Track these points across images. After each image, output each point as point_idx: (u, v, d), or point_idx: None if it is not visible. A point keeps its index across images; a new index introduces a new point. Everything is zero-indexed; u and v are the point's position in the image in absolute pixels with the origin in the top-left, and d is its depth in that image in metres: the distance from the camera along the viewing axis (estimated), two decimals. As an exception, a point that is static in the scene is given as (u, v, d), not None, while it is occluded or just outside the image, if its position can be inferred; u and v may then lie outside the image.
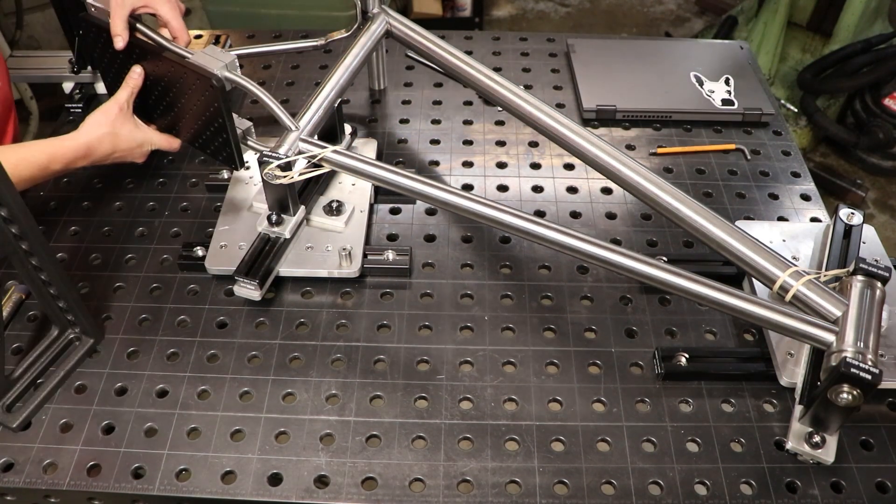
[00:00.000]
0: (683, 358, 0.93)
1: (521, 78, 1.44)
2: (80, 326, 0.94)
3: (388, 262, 1.04)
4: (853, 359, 0.75)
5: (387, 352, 0.96)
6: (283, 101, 1.36)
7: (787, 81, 2.75)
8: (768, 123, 1.34)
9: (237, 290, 0.98)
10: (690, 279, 0.85)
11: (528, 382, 0.93)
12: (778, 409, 0.91)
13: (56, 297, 0.89)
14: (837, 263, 0.94)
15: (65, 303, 0.90)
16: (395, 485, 0.83)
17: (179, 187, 1.18)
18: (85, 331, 0.94)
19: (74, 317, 0.92)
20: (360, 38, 1.16)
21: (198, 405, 0.90)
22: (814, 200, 1.19)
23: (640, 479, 0.84)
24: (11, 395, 0.88)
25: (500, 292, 1.04)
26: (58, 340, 0.93)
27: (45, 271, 0.84)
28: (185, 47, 1.02)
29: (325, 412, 0.90)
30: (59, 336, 0.93)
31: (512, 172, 1.23)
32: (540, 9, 3.68)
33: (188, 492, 0.82)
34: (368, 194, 1.11)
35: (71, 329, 0.94)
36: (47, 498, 0.85)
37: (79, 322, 0.93)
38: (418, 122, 1.33)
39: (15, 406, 0.89)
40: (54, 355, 0.93)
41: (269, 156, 0.95)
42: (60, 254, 1.08)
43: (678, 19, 3.63)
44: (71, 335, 0.94)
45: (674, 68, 1.41)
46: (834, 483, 0.84)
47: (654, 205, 0.95)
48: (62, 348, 0.94)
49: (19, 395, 0.89)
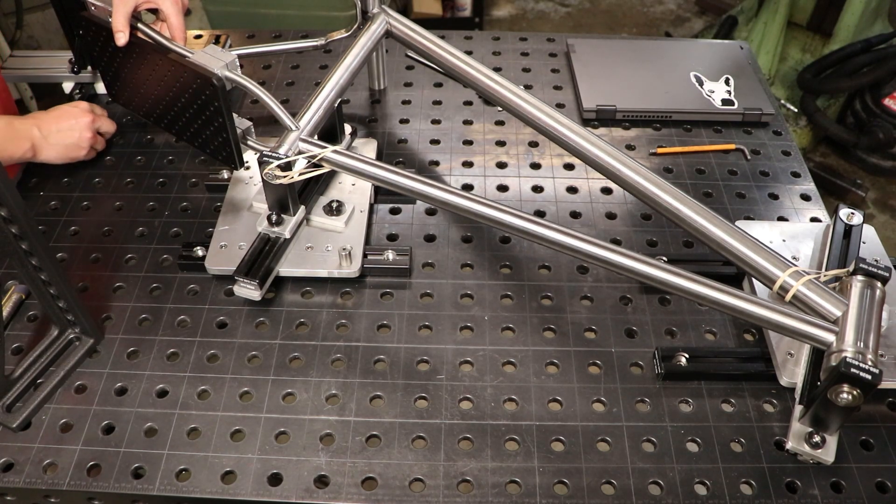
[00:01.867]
0: (683, 358, 0.93)
1: (521, 78, 1.44)
2: (80, 326, 0.94)
3: (388, 262, 1.04)
4: (853, 359, 0.75)
5: (387, 352, 0.96)
6: (283, 101, 1.36)
7: (787, 81, 2.75)
8: (768, 123, 1.34)
9: (237, 290, 0.98)
10: (690, 279, 0.85)
11: (528, 382, 0.93)
12: (778, 409, 0.91)
13: (56, 297, 0.89)
14: (837, 263, 0.94)
15: (65, 303, 0.90)
16: (395, 485, 0.83)
17: (179, 187, 1.18)
18: (85, 331, 0.94)
19: (74, 317, 0.92)
20: (360, 38, 1.16)
21: (198, 405, 0.90)
22: (814, 200, 1.19)
23: (640, 479, 0.84)
24: (11, 395, 0.89)
25: (500, 292, 1.04)
26: (58, 340, 0.93)
27: (45, 271, 0.84)
28: (185, 46, 1.02)
29: (325, 412, 0.90)
30: (59, 336, 0.94)
31: (512, 172, 1.23)
32: (540, 9, 3.68)
33: (188, 492, 0.82)
34: (368, 194, 1.12)
35: (71, 329, 0.94)
36: (47, 498, 0.85)
37: (79, 322, 0.93)
38: (418, 122, 1.33)
39: (15, 406, 0.89)
40: (54, 355, 0.93)
41: (269, 156, 0.95)
42: (60, 254, 1.08)
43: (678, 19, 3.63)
44: (71, 335, 0.94)
45: (674, 68, 1.41)
46: (834, 483, 0.84)
47: (654, 205, 0.95)
48: (62, 348, 0.93)
49: (19, 395, 0.89)
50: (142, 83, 1.07)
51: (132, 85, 1.11)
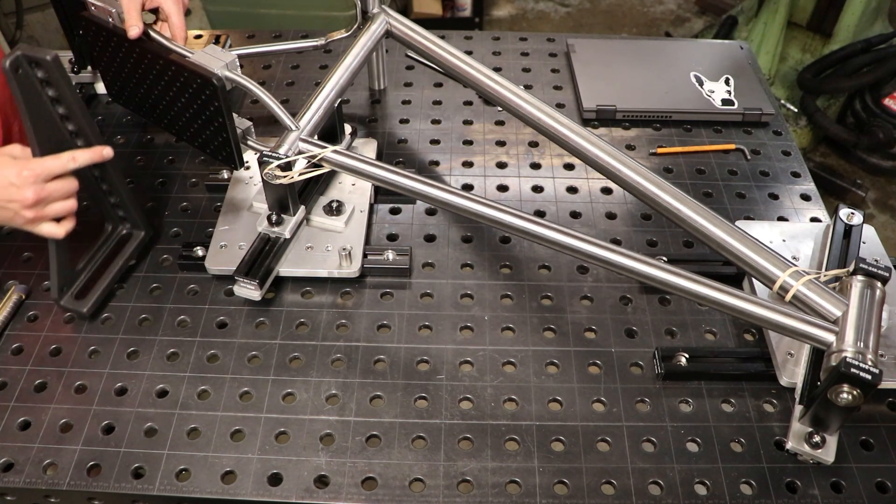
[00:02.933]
0: (683, 358, 0.93)
1: (521, 78, 1.44)
2: (131, 222, 1.03)
3: (388, 262, 1.04)
4: (853, 359, 0.75)
5: (387, 352, 0.96)
6: (283, 101, 1.36)
7: (787, 81, 2.75)
8: (768, 123, 1.34)
9: (237, 290, 0.98)
10: (690, 279, 0.85)
11: (528, 382, 0.93)
12: (778, 409, 0.91)
13: (108, 194, 0.97)
14: (837, 263, 0.94)
15: (116, 198, 0.99)
16: (395, 485, 0.83)
17: (179, 187, 1.18)
18: (136, 225, 1.03)
19: (125, 213, 1.01)
20: (360, 38, 1.16)
21: (198, 405, 0.90)
22: (814, 200, 1.19)
23: (640, 479, 0.84)
24: (78, 285, 0.98)
25: (500, 292, 1.04)
26: (112, 236, 1.03)
27: (98, 168, 0.92)
28: (185, 46, 1.02)
29: (325, 412, 0.90)
30: (112, 232, 1.03)
31: (512, 172, 1.23)
32: (540, 9, 3.68)
33: (188, 492, 0.82)
34: (368, 194, 1.12)
35: (122, 225, 1.03)
36: (47, 498, 0.85)
37: (129, 218, 1.02)
38: (418, 122, 1.33)
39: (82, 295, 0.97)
40: (110, 250, 1.02)
41: (269, 156, 0.95)
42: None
43: (678, 19, 3.63)
44: (123, 230, 1.04)
45: (674, 68, 1.41)
46: (834, 483, 0.84)
47: (654, 205, 0.95)
48: (117, 243, 1.03)
49: (85, 286, 0.98)
50: (142, 83, 1.07)
51: (132, 85, 1.11)
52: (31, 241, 1.10)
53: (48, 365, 0.94)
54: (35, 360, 0.95)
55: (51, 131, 0.85)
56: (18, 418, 0.89)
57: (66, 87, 0.83)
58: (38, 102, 0.83)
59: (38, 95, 0.82)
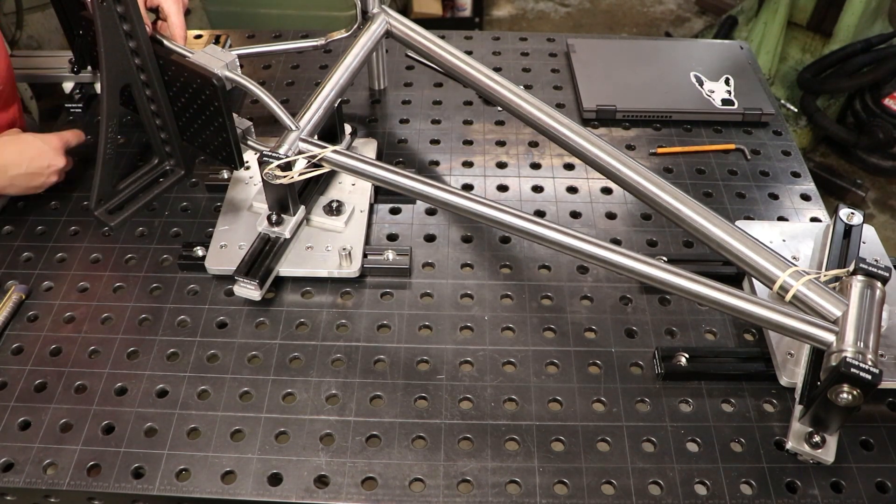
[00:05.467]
0: (683, 358, 0.93)
1: (521, 78, 1.44)
2: (175, 159, 1.10)
3: (388, 262, 1.04)
4: (853, 359, 0.75)
5: (387, 352, 0.96)
6: (283, 101, 1.36)
7: (787, 81, 2.75)
8: (768, 123, 1.34)
9: (237, 290, 0.98)
10: (690, 279, 0.85)
11: (528, 382, 0.93)
12: (778, 409, 0.91)
13: (160, 129, 1.05)
14: (837, 263, 0.94)
15: (166, 134, 1.06)
16: (395, 485, 0.83)
17: (179, 187, 1.18)
18: (178, 164, 1.10)
19: (172, 149, 1.08)
20: (360, 38, 1.16)
21: (198, 405, 0.90)
22: (814, 200, 1.19)
23: (640, 479, 0.84)
24: (114, 203, 1.04)
25: (500, 292, 1.04)
26: (156, 168, 1.09)
27: (156, 103, 1.01)
28: (185, 46, 1.02)
29: (325, 412, 0.90)
30: (157, 164, 1.09)
31: (512, 172, 1.23)
32: (540, 9, 3.68)
33: (188, 492, 0.82)
34: (368, 194, 1.12)
35: (167, 161, 1.09)
36: (47, 498, 0.85)
37: (174, 154, 1.09)
38: (418, 122, 1.33)
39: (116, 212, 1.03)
40: (151, 179, 1.08)
41: (269, 156, 0.95)
42: (60, 254, 1.08)
43: (678, 19, 3.63)
44: (167, 166, 1.10)
45: (674, 68, 1.41)
46: (834, 483, 0.84)
47: (654, 205, 0.95)
48: (158, 175, 1.09)
49: (119, 205, 1.04)
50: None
51: (132, 85, 1.11)
52: (32, 241, 1.10)
53: (48, 365, 0.94)
54: (35, 360, 0.95)
55: (120, 61, 0.96)
56: (18, 418, 0.89)
57: (139, 25, 0.93)
58: (115, 33, 0.93)
59: (115, 27, 0.92)
